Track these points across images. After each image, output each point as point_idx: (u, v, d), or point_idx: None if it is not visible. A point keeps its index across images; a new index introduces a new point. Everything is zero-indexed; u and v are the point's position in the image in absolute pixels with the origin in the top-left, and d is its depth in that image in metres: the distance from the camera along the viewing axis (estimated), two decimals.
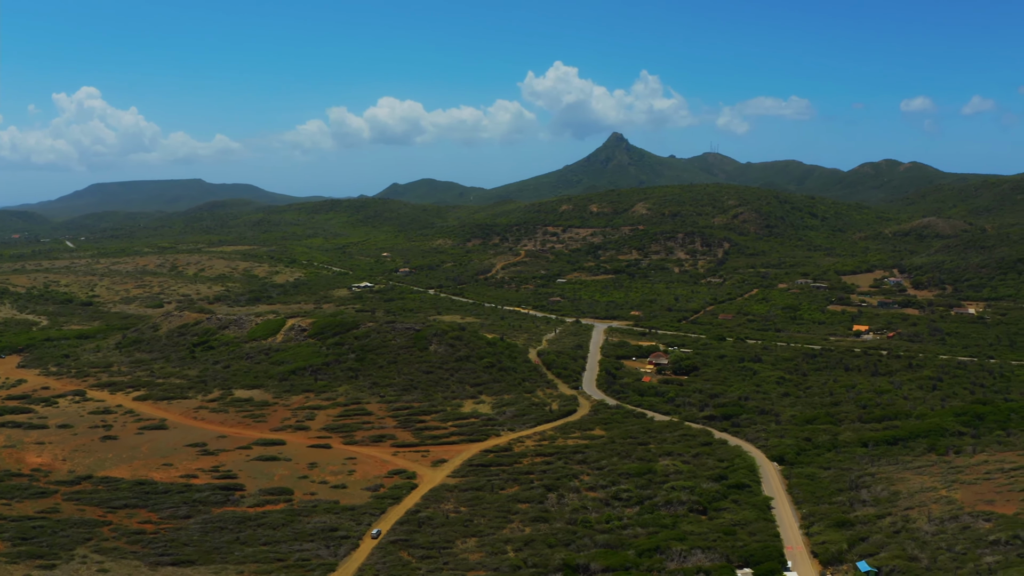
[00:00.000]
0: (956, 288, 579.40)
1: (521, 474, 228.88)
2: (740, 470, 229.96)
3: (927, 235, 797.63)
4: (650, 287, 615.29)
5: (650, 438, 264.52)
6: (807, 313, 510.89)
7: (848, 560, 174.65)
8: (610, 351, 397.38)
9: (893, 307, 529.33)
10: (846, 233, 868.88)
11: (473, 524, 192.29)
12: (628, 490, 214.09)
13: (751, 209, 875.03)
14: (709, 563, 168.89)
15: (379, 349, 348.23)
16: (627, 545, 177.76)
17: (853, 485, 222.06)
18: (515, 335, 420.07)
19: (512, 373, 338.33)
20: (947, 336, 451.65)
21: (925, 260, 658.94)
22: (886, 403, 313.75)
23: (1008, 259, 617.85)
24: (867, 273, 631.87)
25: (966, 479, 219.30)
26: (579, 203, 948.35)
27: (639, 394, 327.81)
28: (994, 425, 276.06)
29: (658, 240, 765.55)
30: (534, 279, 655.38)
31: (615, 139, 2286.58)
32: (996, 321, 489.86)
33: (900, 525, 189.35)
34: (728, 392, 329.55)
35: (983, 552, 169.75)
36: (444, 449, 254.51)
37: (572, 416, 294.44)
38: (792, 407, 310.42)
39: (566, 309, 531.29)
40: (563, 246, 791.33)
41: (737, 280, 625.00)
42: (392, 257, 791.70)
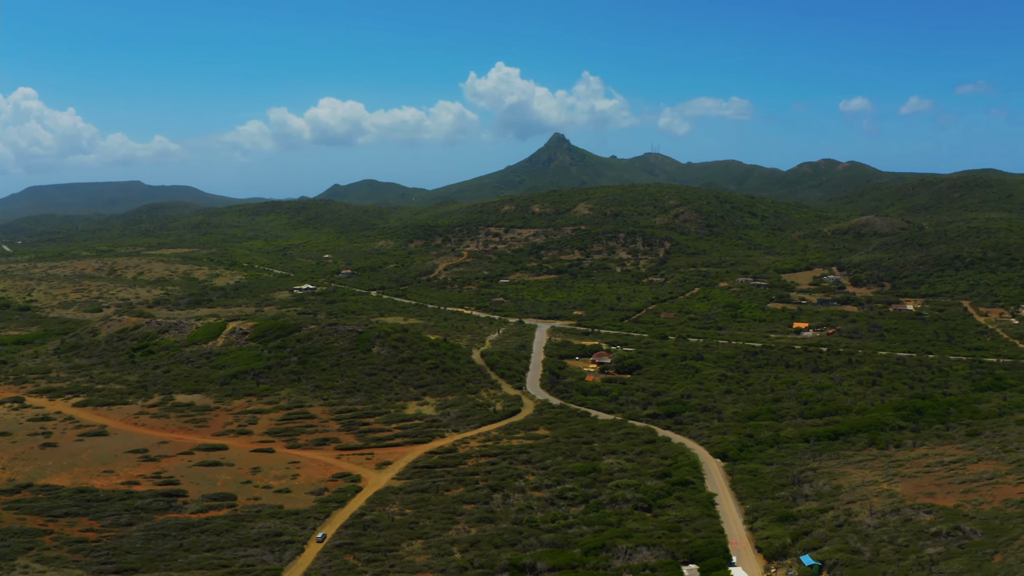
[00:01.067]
0: (894, 285, 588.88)
1: (466, 475, 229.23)
2: (684, 467, 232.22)
3: (865, 233, 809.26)
4: (592, 287, 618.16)
5: (594, 437, 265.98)
6: (748, 311, 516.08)
7: (792, 554, 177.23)
8: (553, 351, 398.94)
9: (833, 304, 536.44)
10: (786, 232, 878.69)
11: (419, 526, 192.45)
12: (573, 489, 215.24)
13: (692, 209, 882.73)
14: (655, 560, 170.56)
15: (321, 352, 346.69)
16: (573, 544, 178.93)
17: (795, 480, 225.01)
18: (458, 336, 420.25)
19: (456, 374, 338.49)
20: (886, 332, 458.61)
21: (864, 258, 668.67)
22: (827, 399, 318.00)
23: (945, 256, 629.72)
24: (807, 271, 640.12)
25: (907, 472, 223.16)
26: (521, 204, 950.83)
27: (583, 393, 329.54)
28: (933, 419, 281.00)
29: (600, 240, 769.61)
30: (477, 280, 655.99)
31: (557, 140, 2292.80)
32: (934, 317, 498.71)
33: (843, 519, 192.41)
34: (671, 390, 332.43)
35: (925, 544, 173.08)
36: (388, 451, 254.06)
37: (516, 416, 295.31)
38: (734, 404, 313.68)
39: (509, 309, 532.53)
40: (505, 247, 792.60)
41: (679, 279, 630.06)
42: (334, 259, 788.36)
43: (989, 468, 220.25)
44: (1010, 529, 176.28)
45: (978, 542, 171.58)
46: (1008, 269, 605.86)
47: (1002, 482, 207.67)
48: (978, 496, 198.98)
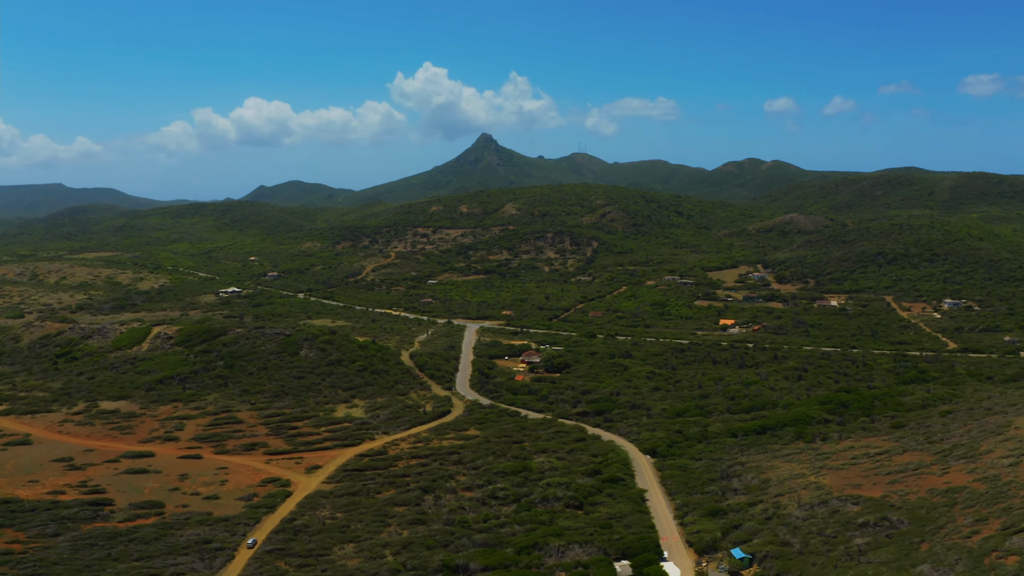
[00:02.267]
0: (818, 281, 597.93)
1: (397, 477, 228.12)
2: (614, 464, 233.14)
3: (789, 231, 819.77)
4: (521, 286, 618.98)
5: (525, 436, 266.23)
6: (675, 309, 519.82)
7: (722, 548, 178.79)
8: (483, 351, 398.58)
9: (758, 301, 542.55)
10: (711, 230, 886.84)
11: (350, 530, 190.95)
12: (504, 488, 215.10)
13: (619, 208, 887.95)
14: (587, 557, 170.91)
15: (248, 355, 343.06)
16: (505, 543, 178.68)
17: (724, 475, 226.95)
18: (387, 337, 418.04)
19: (385, 376, 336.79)
20: (811, 328, 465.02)
21: (788, 255, 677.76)
22: (754, 394, 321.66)
23: (868, 253, 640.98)
24: (732, 269, 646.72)
25: (833, 465, 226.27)
26: (449, 204, 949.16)
27: (512, 393, 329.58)
28: (858, 412, 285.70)
29: (528, 240, 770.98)
30: (405, 281, 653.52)
31: (484, 140, 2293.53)
32: (857, 312, 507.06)
33: (772, 511, 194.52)
34: (600, 388, 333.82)
35: (853, 534, 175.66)
36: (318, 455, 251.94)
37: (446, 417, 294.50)
38: (663, 401, 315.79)
39: (438, 310, 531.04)
40: (434, 247, 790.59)
41: (606, 278, 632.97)
42: (260, 261, 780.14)
43: (914, 459, 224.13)
44: (936, 518, 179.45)
45: (905, 531, 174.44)
46: (930, 265, 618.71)
47: (927, 472, 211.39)
48: (904, 487, 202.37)
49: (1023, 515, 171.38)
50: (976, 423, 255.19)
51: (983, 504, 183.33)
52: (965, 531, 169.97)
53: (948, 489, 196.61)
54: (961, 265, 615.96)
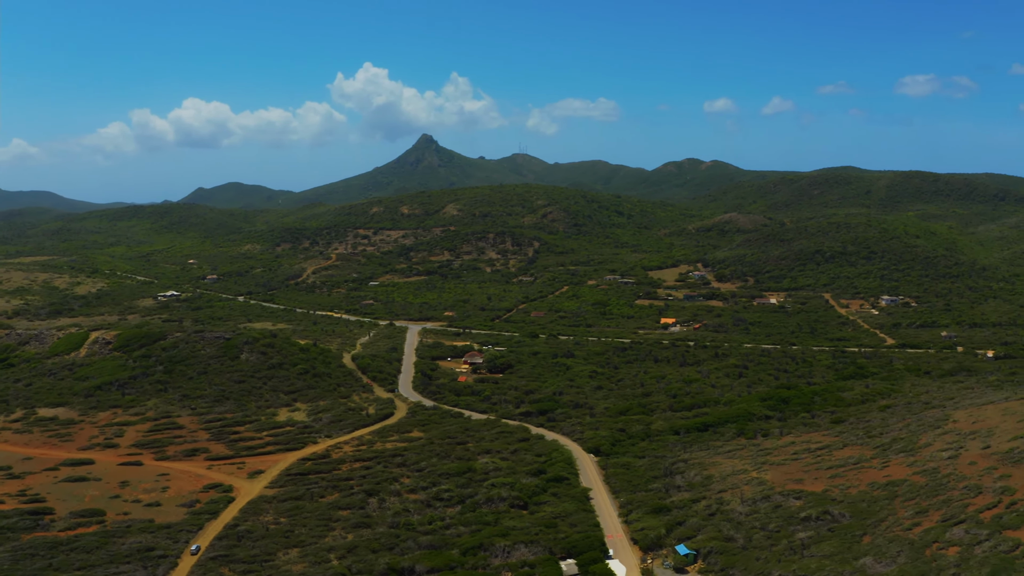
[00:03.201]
0: (758, 280, 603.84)
1: (341, 480, 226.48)
2: (558, 463, 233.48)
3: (729, 230, 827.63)
4: (463, 287, 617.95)
5: (468, 437, 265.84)
6: (616, 308, 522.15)
7: (667, 544, 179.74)
8: (425, 352, 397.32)
9: (698, 300, 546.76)
10: (652, 230, 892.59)
11: (294, 534, 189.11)
12: (449, 490, 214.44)
13: (560, 208, 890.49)
14: (533, 556, 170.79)
15: (188, 360, 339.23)
16: (451, 545, 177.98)
17: (668, 472, 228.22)
18: (328, 340, 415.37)
19: (327, 379, 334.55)
20: (751, 325, 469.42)
21: (728, 254, 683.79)
22: (695, 391, 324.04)
23: (806, 251, 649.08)
24: (672, 268, 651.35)
25: (775, 460, 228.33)
26: (390, 205, 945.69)
27: (455, 394, 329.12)
28: (799, 408, 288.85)
29: (469, 240, 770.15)
30: (346, 282, 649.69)
31: (425, 141, 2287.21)
32: (796, 310, 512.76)
33: (715, 508, 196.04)
34: (543, 388, 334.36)
35: (795, 529, 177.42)
36: (260, 460, 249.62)
37: (389, 419, 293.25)
38: (605, 399, 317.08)
39: (379, 312, 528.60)
40: (375, 248, 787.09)
41: (548, 278, 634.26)
42: (199, 264, 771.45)
43: (854, 453, 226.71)
44: (877, 511, 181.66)
45: (847, 525, 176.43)
46: (867, 262, 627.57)
47: (867, 466, 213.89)
48: (845, 480, 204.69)
49: (963, 507, 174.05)
50: (915, 417, 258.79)
51: (923, 497, 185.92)
52: (906, 523, 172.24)
53: (888, 482, 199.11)
54: (898, 262, 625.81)
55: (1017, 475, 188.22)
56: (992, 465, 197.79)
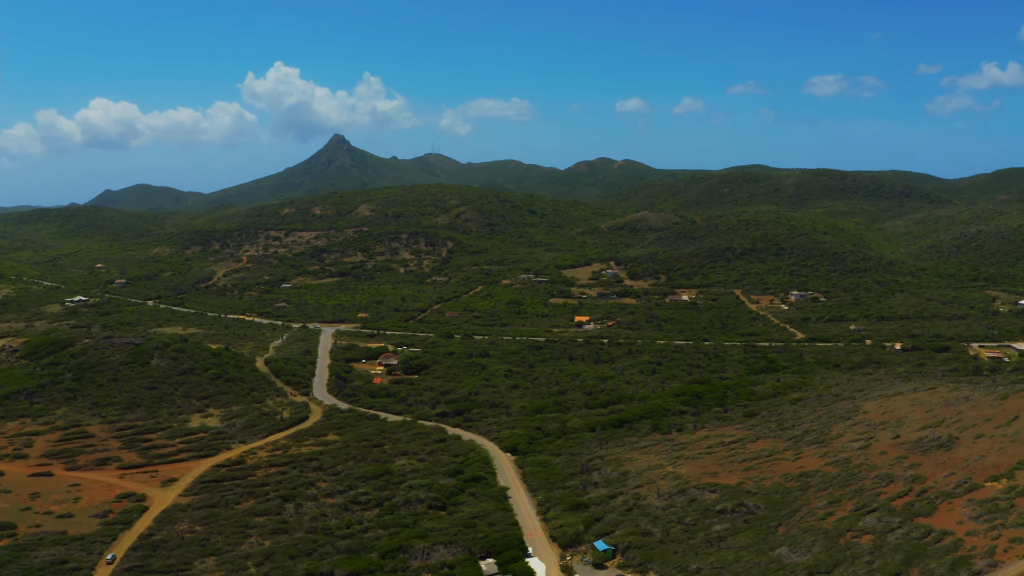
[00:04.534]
0: (670, 277, 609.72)
1: (256, 486, 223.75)
2: (475, 463, 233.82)
3: (641, 228, 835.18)
4: (377, 288, 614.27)
5: (385, 439, 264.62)
6: (531, 307, 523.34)
7: (586, 541, 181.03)
8: (339, 355, 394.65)
9: (612, 297, 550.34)
10: (565, 229, 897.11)
11: (210, 543, 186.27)
12: (366, 493, 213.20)
13: (473, 208, 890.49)
14: (452, 557, 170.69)
15: (98, 367, 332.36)
16: (370, 548, 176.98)
17: (584, 469, 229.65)
18: (241, 344, 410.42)
19: (240, 383, 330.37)
20: (663, 322, 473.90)
21: (640, 252, 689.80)
22: (610, 388, 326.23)
23: (717, 248, 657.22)
24: (586, 266, 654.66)
25: (690, 454, 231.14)
26: (302, 206, 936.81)
27: (371, 396, 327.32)
28: (712, 402, 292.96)
29: (383, 241, 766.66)
30: (258, 285, 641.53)
31: (337, 141, 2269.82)
32: (708, 306, 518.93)
33: (632, 503, 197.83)
34: (459, 388, 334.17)
35: (712, 522, 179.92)
36: (174, 467, 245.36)
37: (304, 423, 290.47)
38: (521, 398, 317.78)
39: (292, 314, 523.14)
40: (286, 250, 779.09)
41: (462, 278, 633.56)
42: (107, 268, 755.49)
43: (767, 446, 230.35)
44: (791, 502, 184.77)
45: (761, 516, 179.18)
46: (776, 259, 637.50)
47: (780, 458, 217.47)
48: (759, 473, 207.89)
49: (875, 496, 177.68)
50: (825, 409, 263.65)
51: (836, 487, 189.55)
52: (820, 513, 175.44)
53: (801, 473, 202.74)
54: (807, 258, 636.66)
55: (927, 463, 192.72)
56: (902, 454, 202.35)
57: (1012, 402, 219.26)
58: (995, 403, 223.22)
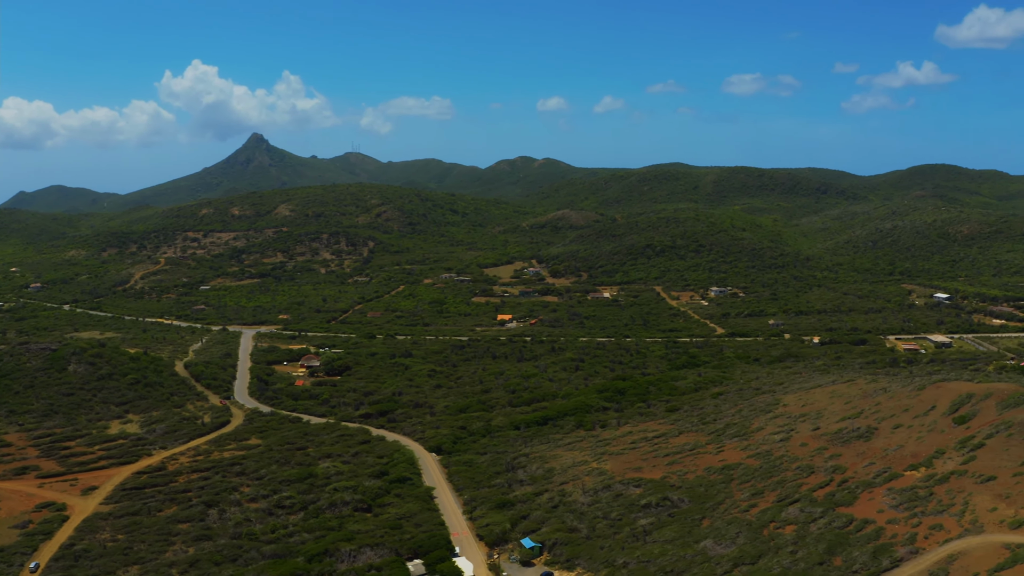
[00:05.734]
0: (591, 274, 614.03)
1: (178, 493, 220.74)
2: (400, 464, 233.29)
3: (562, 226, 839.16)
4: (297, 289, 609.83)
5: (308, 442, 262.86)
6: (453, 306, 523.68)
7: (513, 539, 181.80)
8: (260, 357, 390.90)
9: (534, 296, 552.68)
10: (486, 228, 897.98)
11: (133, 551, 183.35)
12: (291, 497, 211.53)
13: (394, 207, 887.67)
14: (379, 559, 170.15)
15: (13, 374, 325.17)
16: (296, 552, 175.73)
17: (509, 467, 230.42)
18: (159, 348, 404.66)
19: (159, 388, 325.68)
20: (585, 320, 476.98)
21: (561, 250, 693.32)
22: (533, 386, 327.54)
23: (637, 245, 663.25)
24: (508, 265, 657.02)
25: (614, 450, 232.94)
26: (220, 206, 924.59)
27: (293, 398, 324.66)
28: (635, 398, 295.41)
29: (303, 241, 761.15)
30: (176, 288, 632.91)
31: (255, 140, 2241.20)
32: (629, 303, 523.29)
33: (558, 500, 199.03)
34: (382, 389, 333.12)
35: (637, 516, 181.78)
36: (94, 475, 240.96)
37: (226, 427, 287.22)
38: (445, 398, 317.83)
39: (212, 317, 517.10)
40: (205, 251, 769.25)
41: (384, 278, 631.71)
42: (22, 272, 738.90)
43: (690, 440, 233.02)
44: (714, 495, 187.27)
45: (686, 509, 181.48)
46: (696, 255, 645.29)
47: (703, 452, 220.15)
48: (682, 467, 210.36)
49: (796, 487, 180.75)
50: (746, 403, 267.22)
51: (758, 479, 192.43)
52: (743, 505, 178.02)
53: (724, 466, 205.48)
54: (726, 254, 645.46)
55: (847, 454, 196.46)
56: (823, 446, 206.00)
57: (929, 393, 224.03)
58: (912, 394, 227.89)
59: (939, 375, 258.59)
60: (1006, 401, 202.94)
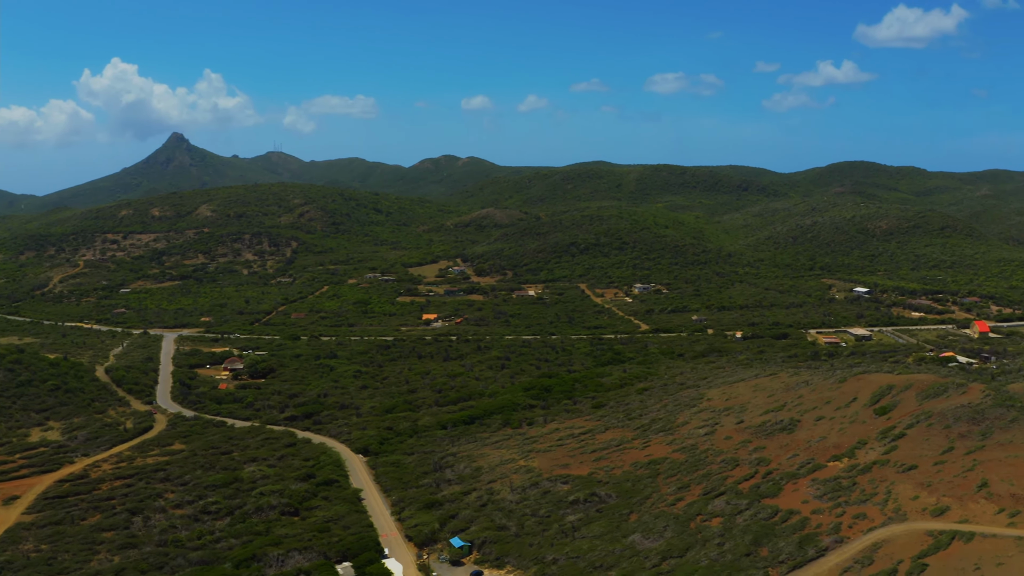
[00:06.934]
0: (516, 273, 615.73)
1: (102, 501, 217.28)
2: (327, 467, 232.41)
3: (487, 225, 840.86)
4: (219, 291, 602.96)
5: (233, 446, 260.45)
6: (378, 306, 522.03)
7: (442, 538, 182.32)
8: (183, 361, 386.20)
9: (459, 295, 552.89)
10: (410, 227, 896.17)
11: (58, 561, 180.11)
12: (216, 502, 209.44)
13: (317, 207, 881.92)
14: (308, 563, 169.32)
15: None
16: (223, 558, 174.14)
17: (437, 466, 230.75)
18: (80, 353, 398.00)
19: (80, 394, 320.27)
20: (511, 318, 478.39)
21: (486, 249, 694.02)
22: (460, 385, 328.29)
23: (561, 243, 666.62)
24: (433, 264, 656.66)
25: (541, 448, 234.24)
26: (140, 207, 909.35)
27: (217, 402, 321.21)
28: (561, 395, 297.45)
29: (225, 242, 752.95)
30: (96, 291, 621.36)
31: (176, 139, 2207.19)
32: (554, 301, 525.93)
33: (486, 498, 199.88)
34: (307, 391, 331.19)
35: (565, 512, 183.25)
36: (14, 485, 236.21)
37: (149, 433, 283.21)
38: (371, 399, 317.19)
39: (132, 320, 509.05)
40: (125, 254, 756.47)
41: (307, 278, 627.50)
42: None
43: (616, 435, 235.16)
44: (641, 490, 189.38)
45: (613, 505, 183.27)
46: (620, 253, 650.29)
47: (629, 447, 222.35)
48: (609, 462, 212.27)
49: (722, 479, 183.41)
50: (671, 398, 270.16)
51: (684, 472, 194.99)
52: (670, 499, 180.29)
53: (650, 461, 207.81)
54: (649, 252, 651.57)
55: (771, 446, 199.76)
56: (747, 438, 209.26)
57: (850, 385, 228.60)
58: (834, 386, 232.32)
59: (860, 367, 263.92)
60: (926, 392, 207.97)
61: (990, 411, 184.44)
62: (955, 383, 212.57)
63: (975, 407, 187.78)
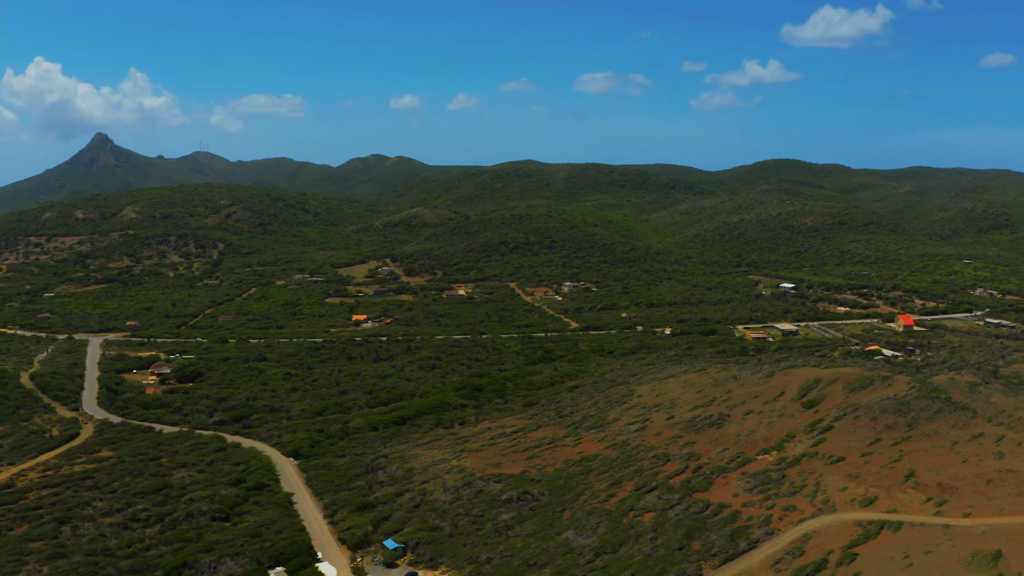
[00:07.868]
0: (446, 272, 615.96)
1: (29, 510, 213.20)
2: (257, 471, 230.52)
3: (416, 225, 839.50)
4: (145, 294, 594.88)
5: (161, 452, 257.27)
6: (307, 307, 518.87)
7: (375, 540, 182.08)
8: (109, 366, 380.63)
9: (389, 295, 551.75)
10: (339, 227, 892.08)
11: None
12: (146, 509, 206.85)
13: (244, 208, 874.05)
14: (240, 569, 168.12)
15: None
16: (153, 566, 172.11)
17: (369, 468, 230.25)
18: (3, 359, 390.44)
19: (4, 402, 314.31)
20: (441, 318, 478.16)
21: (416, 248, 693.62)
22: (391, 386, 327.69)
23: (491, 242, 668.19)
24: (362, 264, 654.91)
25: (473, 447, 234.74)
26: (63, 209, 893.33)
27: (144, 408, 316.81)
28: (492, 394, 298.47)
29: (150, 244, 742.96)
30: (19, 295, 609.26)
31: (100, 140, 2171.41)
32: (485, 300, 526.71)
33: (419, 499, 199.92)
34: (236, 394, 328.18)
35: (498, 511, 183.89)
36: None
37: (76, 440, 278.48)
38: (301, 401, 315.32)
39: (57, 325, 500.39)
40: (48, 257, 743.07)
41: (235, 280, 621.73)
42: None
43: (548, 433, 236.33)
44: (574, 487, 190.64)
45: (547, 502, 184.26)
46: (549, 251, 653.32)
47: (561, 445, 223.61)
48: (541, 460, 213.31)
49: (654, 475, 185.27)
50: (602, 395, 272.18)
51: (616, 469, 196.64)
52: (602, 495, 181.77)
53: (582, 458, 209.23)
54: (578, 250, 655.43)
55: (701, 441, 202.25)
56: (677, 434, 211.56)
57: (777, 379, 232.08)
58: (762, 381, 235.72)
59: (787, 362, 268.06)
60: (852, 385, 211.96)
61: (915, 403, 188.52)
62: (881, 376, 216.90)
63: (901, 399, 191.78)
